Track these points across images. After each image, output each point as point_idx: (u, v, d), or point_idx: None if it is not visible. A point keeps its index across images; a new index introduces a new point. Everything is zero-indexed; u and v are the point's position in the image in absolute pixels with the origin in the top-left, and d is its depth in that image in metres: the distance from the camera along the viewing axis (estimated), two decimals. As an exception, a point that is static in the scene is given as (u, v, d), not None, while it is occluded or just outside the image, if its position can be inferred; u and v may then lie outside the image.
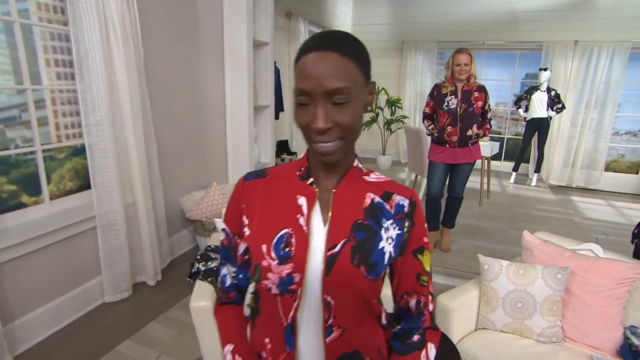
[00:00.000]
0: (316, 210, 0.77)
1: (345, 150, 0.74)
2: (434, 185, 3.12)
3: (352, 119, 0.70)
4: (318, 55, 0.68)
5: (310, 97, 0.69)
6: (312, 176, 0.79)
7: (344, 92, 0.68)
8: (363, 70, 0.71)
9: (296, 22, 4.77)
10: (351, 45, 0.71)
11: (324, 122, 0.68)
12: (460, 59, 2.85)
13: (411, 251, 0.82)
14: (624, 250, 3.68)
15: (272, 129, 3.81)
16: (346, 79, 0.68)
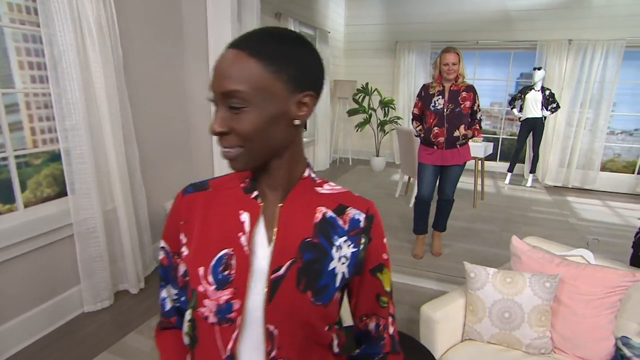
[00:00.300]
0: (260, 228, 0.69)
1: (249, 159, 0.65)
2: (423, 188, 3.05)
3: (250, 127, 0.61)
4: (227, 53, 0.62)
5: (214, 97, 0.63)
6: (257, 189, 0.71)
7: (238, 97, 0.60)
8: (281, 75, 0.61)
9: (286, 23, 4.70)
10: (268, 45, 0.61)
11: (217, 126, 0.62)
12: (448, 58, 2.78)
13: (369, 270, 0.74)
14: (620, 252, 3.64)
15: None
16: (242, 81, 0.60)
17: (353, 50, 7.01)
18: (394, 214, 4.28)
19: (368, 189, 5.32)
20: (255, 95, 0.60)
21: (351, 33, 6.96)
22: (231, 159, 0.65)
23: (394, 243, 3.50)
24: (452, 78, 2.85)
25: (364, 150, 7.13)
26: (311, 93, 0.65)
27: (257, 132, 0.62)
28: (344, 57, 7.07)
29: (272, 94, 0.61)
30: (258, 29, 0.64)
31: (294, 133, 0.68)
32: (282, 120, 0.64)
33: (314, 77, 0.66)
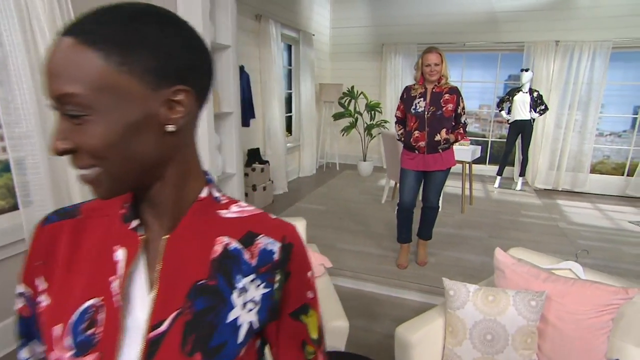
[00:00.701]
0: (139, 268, 0.53)
1: (113, 182, 0.48)
2: (405, 194, 2.91)
3: (98, 142, 0.45)
4: (57, 42, 0.44)
5: (51, 103, 0.46)
6: (138, 216, 0.55)
7: (74, 102, 0.43)
8: (133, 67, 0.44)
9: (267, 25, 4.56)
10: (111, 26, 0.44)
11: (56, 141, 0.46)
12: (430, 58, 2.66)
13: (289, 313, 0.59)
14: (610, 257, 3.53)
15: (238, 137, 3.58)
16: (76, 81, 0.43)
17: (339, 53, 6.90)
18: (379, 220, 4.14)
19: (354, 194, 5.18)
20: (97, 99, 0.44)
21: (337, 36, 6.85)
22: (90, 183, 0.48)
23: (377, 252, 3.35)
24: (435, 79, 2.72)
25: (351, 155, 6.99)
26: (184, 87, 0.48)
27: (110, 147, 0.45)
28: (329, 60, 6.95)
29: (124, 93, 0.45)
30: (99, 7, 0.46)
31: (174, 143, 0.50)
32: (147, 128, 0.47)
33: (186, 66, 0.48)
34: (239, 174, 3.67)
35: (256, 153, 4.52)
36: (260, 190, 4.40)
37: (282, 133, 5.02)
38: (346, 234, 3.73)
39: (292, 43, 5.79)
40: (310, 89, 5.90)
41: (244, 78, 4.28)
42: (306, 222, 2.22)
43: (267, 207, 4.52)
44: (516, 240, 3.68)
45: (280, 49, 4.88)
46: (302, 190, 5.34)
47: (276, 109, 4.83)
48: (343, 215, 4.30)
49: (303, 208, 4.53)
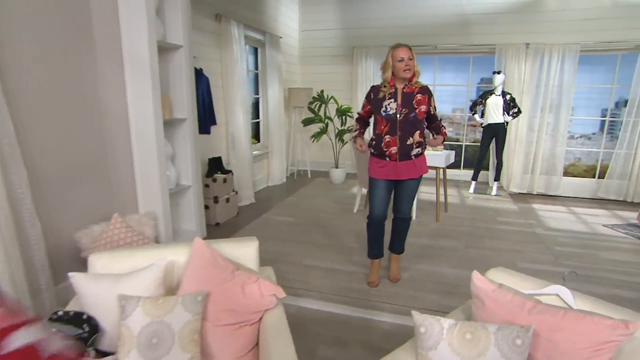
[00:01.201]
0: None
1: None
2: (375, 206, 2.67)
3: None
4: None
5: None
6: None
7: None
8: None
9: (228, 26, 4.28)
10: None
11: None
12: (402, 53, 2.43)
13: None
14: (588, 265, 3.39)
15: (194, 146, 3.27)
16: None
17: (308, 57, 6.67)
18: (350, 232, 3.89)
19: (325, 203, 4.92)
20: None
21: (306, 39, 6.62)
22: None
23: (346, 269, 3.09)
24: (409, 76, 2.49)
25: (323, 162, 6.76)
26: None
27: None
28: (299, 64, 6.71)
29: None
30: None
31: None
32: None
33: None
34: (197, 186, 3.36)
35: (218, 162, 4.20)
36: (222, 202, 4.08)
37: (248, 140, 4.72)
38: (314, 249, 3.46)
39: (258, 46, 5.52)
40: (279, 94, 5.64)
41: (203, 82, 3.97)
42: (259, 242, 1.94)
43: (230, 220, 4.21)
44: (493, 250, 3.51)
45: (243, 52, 4.60)
46: (270, 200, 5.05)
47: (240, 115, 4.54)
48: (312, 227, 4.03)
49: (269, 220, 4.24)
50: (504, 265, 3.30)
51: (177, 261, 1.76)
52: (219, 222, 4.05)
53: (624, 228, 4.42)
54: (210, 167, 4.11)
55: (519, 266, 3.18)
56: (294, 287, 2.81)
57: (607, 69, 5.83)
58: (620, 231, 4.30)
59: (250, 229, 3.94)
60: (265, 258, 3.37)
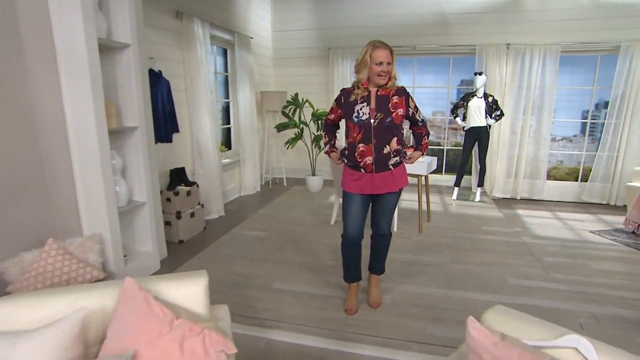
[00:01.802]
0: None
1: None
2: (350, 224, 2.36)
3: None
4: None
5: None
6: None
7: None
8: None
9: (190, 24, 3.92)
10: None
11: None
12: (381, 55, 2.14)
13: None
14: (581, 278, 3.17)
15: (149, 157, 2.90)
16: None
17: (282, 58, 6.34)
18: (326, 248, 3.58)
19: (301, 215, 4.60)
20: None
21: (279, 39, 6.30)
22: None
23: (322, 292, 2.77)
24: (383, 83, 2.21)
25: (300, 168, 6.43)
26: None
27: None
28: (272, 66, 6.38)
29: None
30: None
31: None
32: None
33: None
34: (153, 202, 2.99)
35: (181, 173, 3.83)
36: (186, 217, 3.71)
37: (216, 148, 4.36)
38: (287, 269, 3.13)
39: (227, 46, 5.17)
40: (250, 98, 5.29)
41: (163, 85, 3.60)
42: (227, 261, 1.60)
43: (196, 236, 3.83)
44: (481, 265, 3.25)
45: (209, 52, 4.24)
46: (241, 212, 4.69)
47: (206, 121, 4.17)
48: (285, 242, 3.70)
49: (239, 236, 3.88)
50: (493, 282, 3.07)
51: (106, 307, 1.42)
52: (182, 239, 3.67)
53: (611, 234, 4.26)
54: (172, 179, 3.73)
55: (510, 283, 2.93)
56: (263, 317, 2.47)
57: (586, 70, 5.73)
58: (608, 237, 4.14)
59: (217, 247, 3.58)
60: (231, 282, 3.01)
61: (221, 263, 3.23)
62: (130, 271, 2.75)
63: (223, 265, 3.20)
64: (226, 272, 3.06)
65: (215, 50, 4.94)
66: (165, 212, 3.64)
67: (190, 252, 3.46)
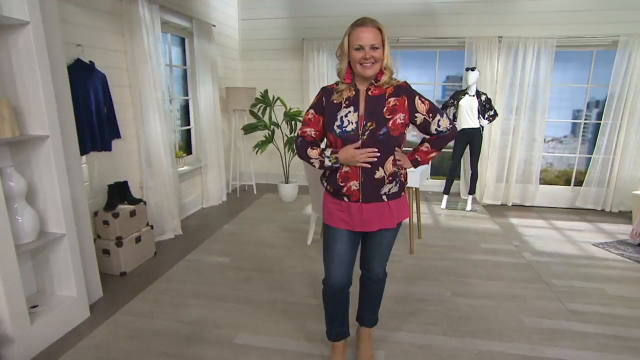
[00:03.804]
0: None
1: None
2: (335, 270, 1.75)
3: None
4: None
5: None
6: None
7: None
8: None
9: (134, 6, 3.20)
10: None
11: None
12: (363, 36, 1.53)
13: None
14: (603, 309, 2.67)
15: (66, 173, 2.20)
16: None
17: (250, 51, 5.65)
18: (303, 278, 2.97)
19: (272, 232, 3.96)
20: None
21: (247, 29, 5.60)
22: None
23: (298, 349, 2.15)
24: (372, 75, 1.61)
25: (272, 173, 5.79)
26: None
27: None
28: (239, 59, 5.68)
29: None
30: None
31: None
32: None
33: None
34: (76, 231, 2.29)
35: (123, 189, 3.12)
36: (130, 243, 3.01)
37: (169, 154, 3.66)
38: (253, 313, 2.50)
39: (185, 35, 4.45)
40: (213, 95, 4.60)
41: (96, 80, 2.89)
42: (177, 302, 0.95)
43: (144, 265, 3.14)
44: (489, 298, 2.72)
45: (159, 41, 3.53)
46: (202, 229, 4.01)
47: (157, 122, 3.47)
48: (252, 272, 3.06)
49: (196, 264, 3.21)
50: (507, 324, 2.29)
51: None
52: (125, 270, 2.97)
53: (616, 247, 3.85)
54: (110, 196, 3.01)
55: (526, 324, 2.41)
56: (218, 392, 1.84)
57: (578, 67, 5.34)
58: (614, 252, 3.73)
59: (168, 280, 2.91)
60: (181, 335, 2.21)
61: (171, 305, 2.57)
62: (40, 330, 2.06)
63: (173, 308, 2.53)
64: (175, 319, 2.40)
65: (169, 39, 4.22)
66: (103, 238, 2.94)
67: (134, 289, 2.77)
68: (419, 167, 3.35)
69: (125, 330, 2.28)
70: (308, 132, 1.71)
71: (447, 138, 1.76)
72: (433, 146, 1.79)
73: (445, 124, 1.71)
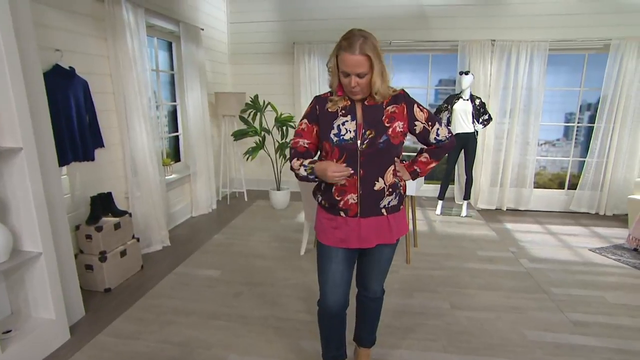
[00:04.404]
0: None
1: None
2: (330, 291, 1.64)
3: None
4: None
5: None
6: None
7: None
8: None
9: (117, 9, 3.07)
10: None
11: None
12: (348, 63, 1.41)
13: None
14: (604, 319, 2.54)
15: (42, 187, 2.06)
16: None
17: (240, 55, 5.54)
18: (296, 291, 2.86)
19: (264, 242, 3.84)
20: None
21: (237, 32, 5.48)
22: None
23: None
24: (362, 98, 1.52)
25: (264, 180, 5.67)
26: None
27: None
28: (229, 64, 5.56)
29: None
30: None
31: None
32: None
33: None
34: (54, 249, 2.15)
35: (107, 200, 2.97)
36: (114, 257, 2.86)
37: (156, 162, 3.53)
38: (244, 331, 2.38)
39: (172, 39, 4.32)
40: (202, 100, 4.47)
41: (77, 87, 2.75)
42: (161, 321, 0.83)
43: (130, 280, 2.99)
44: (489, 310, 2.63)
45: (145, 46, 3.40)
46: (191, 240, 3.87)
47: (142, 130, 3.33)
48: (243, 286, 2.94)
49: (184, 277, 3.08)
50: (510, 338, 2.17)
51: None
52: (109, 287, 2.83)
53: (612, 253, 3.81)
54: (93, 209, 2.87)
55: (529, 339, 2.32)
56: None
57: (570, 70, 5.33)
58: (611, 257, 3.68)
59: (155, 296, 2.77)
60: (168, 357, 2.08)
61: (157, 324, 2.43)
62: (13, 357, 1.91)
63: (159, 327, 2.40)
64: (162, 340, 2.27)
65: (156, 43, 4.08)
66: (85, 252, 2.79)
67: (119, 306, 2.63)
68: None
69: (109, 353, 2.14)
70: (301, 143, 1.60)
71: (446, 148, 1.68)
72: (432, 156, 1.69)
73: (444, 133, 1.63)
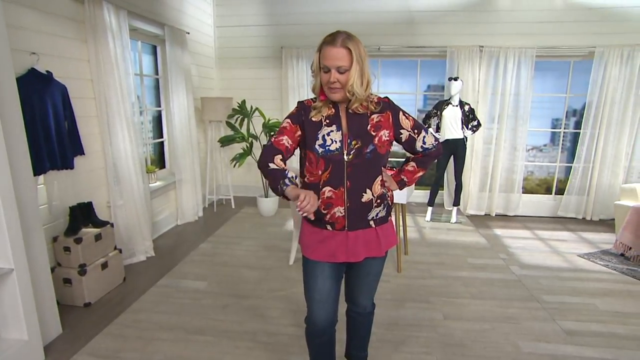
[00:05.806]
0: None
1: None
2: (317, 308, 1.56)
3: None
4: None
5: None
6: None
7: None
8: None
9: (98, 11, 2.96)
10: None
11: None
12: (329, 56, 1.36)
13: None
14: (596, 327, 2.48)
15: (14, 199, 1.94)
16: None
17: (227, 59, 5.44)
18: (284, 303, 2.77)
19: (251, 251, 3.74)
20: None
21: (223, 36, 5.39)
22: None
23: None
24: (341, 99, 1.45)
25: (250, 186, 5.57)
26: None
27: None
28: (215, 68, 5.46)
29: None
30: None
31: None
32: None
33: None
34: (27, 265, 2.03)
35: (86, 211, 2.85)
36: (95, 270, 2.74)
37: (140, 170, 3.41)
38: (231, 348, 2.28)
39: (156, 43, 4.21)
40: (188, 105, 4.36)
41: (55, 92, 2.63)
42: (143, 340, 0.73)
43: (111, 293, 2.87)
44: (482, 320, 2.59)
45: (128, 49, 3.29)
46: (176, 250, 3.75)
47: (125, 136, 3.22)
48: (230, 298, 2.84)
49: (168, 290, 2.96)
50: (504, 351, 2.12)
51: None
52: (89, 301, 2.70)
53: (600, 258, 3.83)
54: (72, 219, 2.74)
55: (524, 350, 2.28)
56: None
57: (557, 76, 5.38)
58: (599, 263, 3.70)
59: (137, 311, 2.65)
60: None
61: (139, 340, 2.32)
62: (-18, 383, 1.79)
63: (141, 344, 2.29)
64: (145, 358, 2.16)
65: (140, 46, 3.97)
66: (63, 266, 2.66)
67: (99, 322, 2.51)
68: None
69: (86, 374, 2.03)
70: (284, 140, 1.48)
71: (433, 155, 1.64)
72: (419, 165, 1.65)
73: (430, 141, 1.59)
